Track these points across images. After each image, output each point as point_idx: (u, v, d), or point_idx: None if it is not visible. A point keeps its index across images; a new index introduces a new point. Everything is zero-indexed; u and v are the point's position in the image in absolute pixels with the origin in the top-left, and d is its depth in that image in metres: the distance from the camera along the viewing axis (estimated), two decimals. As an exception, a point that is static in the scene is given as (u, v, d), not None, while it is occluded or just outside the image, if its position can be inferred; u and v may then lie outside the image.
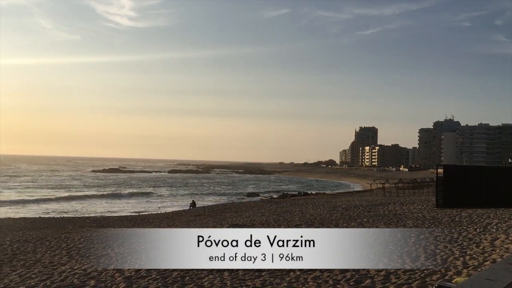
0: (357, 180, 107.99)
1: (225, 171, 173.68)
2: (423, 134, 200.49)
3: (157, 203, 47.94)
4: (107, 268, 10.74)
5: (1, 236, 19.33)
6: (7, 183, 71.32)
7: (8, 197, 48.70)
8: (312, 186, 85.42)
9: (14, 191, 58.34)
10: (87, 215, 34.78)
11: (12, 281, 10.13)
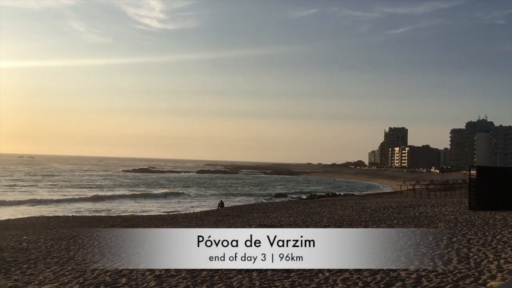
0: (387, 182, 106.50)
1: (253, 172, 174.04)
2: (455, 135, 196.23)
3: (186, 203, 48.43)
4: (137, 267, 10.90)
5: (36, 234, 19.89)
6: (41, 182, 73.34)
7: (42, 196, 50.06)
8: (340, 187, 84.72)
9: (48, 190, 59.94)
10: (118, 214, 35.41)
11: (46, 278, 10.41)
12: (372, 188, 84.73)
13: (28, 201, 43.87)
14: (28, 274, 10.85)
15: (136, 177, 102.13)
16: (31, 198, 46.70)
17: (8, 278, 10.52)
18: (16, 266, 11.90)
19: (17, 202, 43.35)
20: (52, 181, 78.51)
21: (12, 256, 13.31)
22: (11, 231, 21.83)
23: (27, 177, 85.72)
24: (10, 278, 10.45)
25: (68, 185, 70.68)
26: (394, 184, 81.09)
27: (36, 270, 11.35)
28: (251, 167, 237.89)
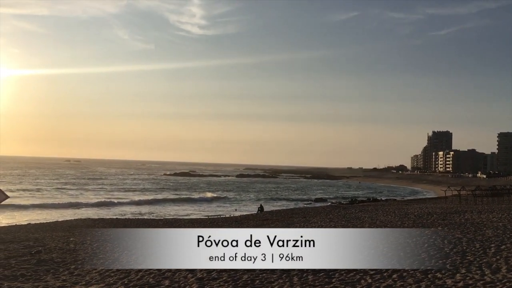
0: (430, 187, 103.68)
1: (292, 176, 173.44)
2: (502, 139, 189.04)
3: (226, 207, 48.80)
4: (180, 269, 11.08)
5: (82, 235, 20.54)
6: (87, 186, 75.71)
7: (88, 199, 51.68)
8: (382, 193, 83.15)
9: (93, 193, 61.80)
10: (160, 217, 36.09)
11: (93, 278, 10.74)
12: (415, 194, 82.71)
13: (75, 204, 45.41)
14: (76, 275, 11.21)
15: (177, 181, 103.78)
16: (77, 201, 48.35)
17: (56, 278, 10.91)
18: (64, 266, 12.33)
19: (64, 204, 44.91)
20: (97, 184, 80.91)
21: (60, 256, 13.80)
22: (58, 232, 22.65)
23: (74, 181, 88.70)
24: (59, 278, 10.84)
25: (113, 188, 72.63)
26: (438, 189, 78.83)
27: (83, 270, 11.72)
28: (291, 171, 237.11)
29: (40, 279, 10.81)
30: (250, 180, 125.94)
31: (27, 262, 12.90)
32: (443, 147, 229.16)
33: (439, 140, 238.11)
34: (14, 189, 57.93)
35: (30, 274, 11.38)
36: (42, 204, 44.16)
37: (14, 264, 12.70)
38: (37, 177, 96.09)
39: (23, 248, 15.76)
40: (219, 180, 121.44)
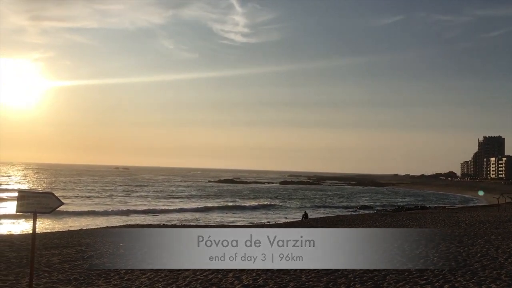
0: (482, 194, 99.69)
1: (336, 183, 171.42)
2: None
3: (270, 213, 48.82)
4: (226, 276, 11.19)
5: (132, 241, 21.09)
6: (135, 193, 77.72)
7: (137, 206, 53.08)
8: (430, 200, 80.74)
9: (141, 200, 63.35)
10: (205, 223, 36.55)
11: (142, 283, 11.01)
12: (466, 201, 79.81)
13: (124, 210, 46.72)
14: (126, 280, 11.54)
15: (222, 188, 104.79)
16: (126, 208, 49.75)
17: (108, 282, 11.27)
18: (115, 271, 12.70)
19: (113, 211, 46.29)
20: (145, 191, 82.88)
21: (111, 262, 14.22)
22: (109, 238, 23.34)
23: (122, 188, 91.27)
24: (110, 283, 11.18)
25: (159, 195, 74.20)
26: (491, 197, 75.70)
27: (133, 275, 12.04)
28: (335, 178, 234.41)
29: (92, 283, 11.18)
30: (293, 187, 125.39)
31: (80, 267, 13.39)
32: (495, 153, 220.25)
33: (491, 145, 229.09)
34: (67, 196, 60.24)
35: (83, 278, 11.81)
36: (92, 210, 45.70)
37: (67, 268, 13.22)
38: (88, 184, 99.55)
39: (76, 252, 16.37)
40: (263, 187, 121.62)
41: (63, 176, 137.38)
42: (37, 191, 8.62)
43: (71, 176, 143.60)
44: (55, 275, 12.14)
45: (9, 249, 17.97)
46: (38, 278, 11.50)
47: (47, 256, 15.56)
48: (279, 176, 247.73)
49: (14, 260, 14.86)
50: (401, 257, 12.48)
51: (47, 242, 20.23)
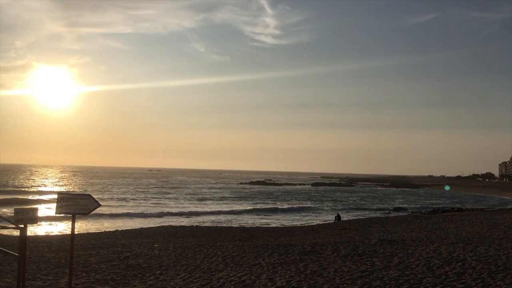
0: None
1: (369, 184, 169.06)
2: None
3: (302, 215, 48.62)
4: (259, 277, 11.21)
5: (165, 242, 21.39)
6: (168, 194, 78.78)
7: (170, 207, 53.79)
8: (467, 202, 78.62)
9: (174, 201, 64.14)
10: (237, 225, 36.69)
11: (177, 284, 11.14)
12: (505, 203, 77.33)
13: (158, 212, 47.43)
14: (161, 280, 11.70)
15: (253, 190, 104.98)
16: (160, 209, 50.51)
17: (143, 283, 11.46)
18: (150, 271, 12.91)
19: (147, 212, 47.04)
20: (178, 193, 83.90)
21: (146, 262, 14.47)
22: (143, 239, 23.76)
23: (156, 189, 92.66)
24: (145, 283, 11.37)
25: (192, 197, 74.96)
26: (531, 198, 73.14)
27: (167, 276, 12.20)
28: (368, 179, 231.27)
29: (128, 283, 11.40)
30: (325, 188, 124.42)
31: (116, 267, 13.67)
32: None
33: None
34: (102, 198, 61.61)
35: (119, 278, 12.05)
36: (127, 212, 46.56)
37: (104, 268, 13.52)
38: (122, 186, 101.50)
39: (112, 253, 16.72)
40: (295, 188, 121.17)
41: (98, 178, 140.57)
42: (76, 193, 8.88)
43: (105, 178, 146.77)
44: (92, 275, 12.43)
45: (48, 249, 18.52)
46: (76, 278, 11.80)
47: (84, 256, 15.95)
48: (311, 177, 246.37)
49: (53, 260, 15.31)
50: (437, 260, 12.22)
51: (84, 243, 20.74)
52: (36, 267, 13.76)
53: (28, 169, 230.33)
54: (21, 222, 8.37)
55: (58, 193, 8.90)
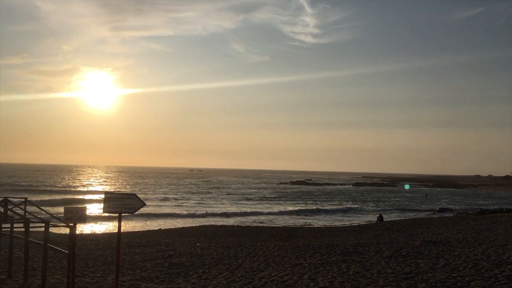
0: None
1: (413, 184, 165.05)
2: None
3: (342, 215, 48.11)
4: (302, 277, 11.17)
5: (207, 241, 21.67)
6: (210, 194, 79.69)
7: (212, 207, 54.45)
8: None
9: (216, 201, 64.83)
10: (278, 225, 36.70)
11: (219, 283, 11.26)
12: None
13: (199, 211, 48.08)
14: (204, 279, 11.86)
15: (293, 190, 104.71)
16: (200, 208, 51.21)
17: (187, 281, 11.65)
18: (193, 270, 13.11)
19: (189, 212, 47.76)
20: (219, 193, 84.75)
21: (189, 261, 14.70)
22: (186, 238, 24.16)
23: (197, 189, 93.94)
24: (189, 281, 11.55)
25: (234, 197, 75.54)
26: None
27: (210, 275, 12.36)
28: (411, 179, 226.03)
29: (172, 281, 11.62)
30: (367, 188, 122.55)
31: (161, 265, 13.96)
32: None
33: None
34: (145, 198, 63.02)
35: (164, 276, 12.30)
36: (169, 211, 47.47)
37: (149, 266, 13.83)
38: (164, 186, 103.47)
39: (156, 252, 17.09)
40: (336, 188, 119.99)
41: (141, 178, 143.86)
42: (122, 193, 9.12)
43: (148, 178, 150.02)
44: (138, 273, 12.75)
45: (95, 247, 19.14)
46: (122, 275, 12.13)
47: (130, 254, 16.37)
48: (352, 177, 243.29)
49: (100, 257, 15.81)
50: (486, 262, 11.80)
51: (130, 241, 21.30)
52: (84, 264, 14.24)
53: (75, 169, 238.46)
54: (70, 221, 8.69)
55: (105, 193, 9.17)
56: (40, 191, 73.87)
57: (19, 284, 10.55)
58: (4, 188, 74.21)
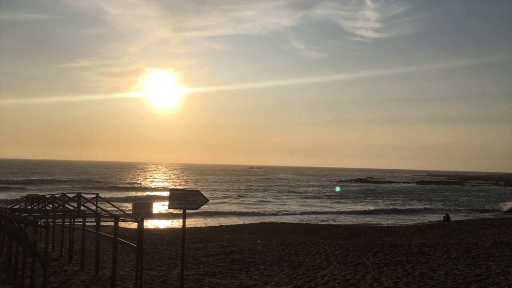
0: None
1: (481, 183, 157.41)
2: None
3: (404, 214, 46.74)
4: (365, 277, 10.98)
5: (267, 238, 21.79)
6: (269, 192, 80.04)
7: (271, 205, 54.72)
8: None
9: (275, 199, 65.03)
10: (338, 223, 36.25)
11: (281, 280, 11.29)
12: None
13: (259, 208, 48.45)
14: (266, 275, 11.94)
15: (354, 187, 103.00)
16: (260, 205, 51.59)
17: (249, 277, 11.77)
18: (255, 266, 13.24)
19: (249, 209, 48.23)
20: (279, 191, 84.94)
21: (251, 257, 14.85)
22: (246, 234, 24.43)
23: (257, 187, 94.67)
24: (251, 278, 11.67)
25: (293, 195, 75.46)
26: None
27: (271, 271, 12.42)
28: (480, 177, 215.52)
29: (235, 277, 11.79)
30: (432, 187, 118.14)
31: (223, 261, 14.21)
32: None
33: None
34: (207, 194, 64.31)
35: (226, 272, 12.51)
36: (230, 208, 48.21)
37: (212, 261, 14.12)
38: (225, 183, 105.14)
39: (218, 247, 17.41)
40: (398, 186, 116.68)
41: (202, 175, 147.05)
42: (186, 189, 9.36)
43: (209, 175, 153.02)
44: (201, 268, 13.05)
45: (161, 242, 19.80)
46: (187, 270, 12.47)
47: (193, 249, 16.80)
48: (415, 175, 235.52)
49: (165, 252, 16.33)
50: None
51: (192, 237, 21.85)
52: (151, 258, 14.77)
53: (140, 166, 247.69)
54: (138, 216, 9.04)
55: (170, 189, 9.46)
56: (109, 188, 77.47)
57: (91, 275, 11.12)
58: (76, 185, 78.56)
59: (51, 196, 16.74)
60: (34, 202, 17.26)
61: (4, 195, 52.58)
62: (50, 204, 15.33)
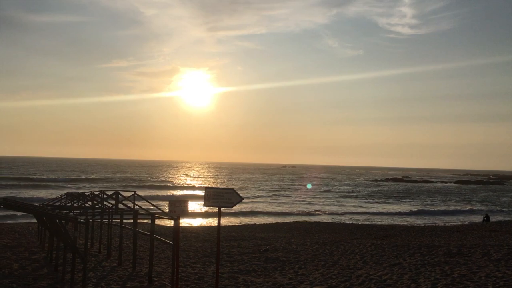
0: None
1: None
2: None
3: (444, 214, 45.64)
4: (402, 278, 10.78)
5: (301, 237, 21.71)
6: (302, 191, 79.77)
7: (305, 204, 54.48)
8: None
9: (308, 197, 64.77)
10: (374, 222, 35.75)
11: (316, 279, 11.23)
12: None
13: (293, 207, 48.33)
14: (300, 274, 11.90)
15: (389, 187, 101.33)
16: (294, 204, 51.43)
17: (283, 276, 11.76)
18: (289, 265, 13.21)
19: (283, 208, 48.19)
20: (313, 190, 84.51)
21: (285, 256, 14.83)
22: (280, 233, 24.40)
23: (290, 185, 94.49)
24: (286, 276, 11.66)
25: (327, 194, 74.92)
26: None
27: (306, 270, 12.36)
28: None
29: (269, 276, 11.80)
30: (471, 187, 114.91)
31: (257, 259, 14.24)
32: None
33: None
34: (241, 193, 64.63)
35: (261, 270, 12.53)
36: (263, 206, 48.29)
37: (246, 259, 14.18)
38: (258, 181, 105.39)
39: (252, 246, 17.47)
40: (435, 186, 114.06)
41: (236, 174, 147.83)
42: (221, 188, 9.43)
43: (242, 173, 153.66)
44: (236, 266, 13.13)
45: (196, 239, 20.04)
46: (221, 267, 12.57)
47: (227, 247, 16.91)
48: (453, 175, 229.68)
49: (200, 249, 16.51)
50: None
51: (226, 234, 21.99)
52: (186, 255, 14.96)
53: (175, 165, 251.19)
54: (174, 214, 9.16)
55: (206, 188, 9.54)
56: (145, 186, 78.89)
57: (128, 271, 11.35)
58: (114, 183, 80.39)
59: (90, 194, 17.20)
60: (74, 200, 17.75)
61: (45, 193, 54.44)
62: (89, 201, 15.74)
